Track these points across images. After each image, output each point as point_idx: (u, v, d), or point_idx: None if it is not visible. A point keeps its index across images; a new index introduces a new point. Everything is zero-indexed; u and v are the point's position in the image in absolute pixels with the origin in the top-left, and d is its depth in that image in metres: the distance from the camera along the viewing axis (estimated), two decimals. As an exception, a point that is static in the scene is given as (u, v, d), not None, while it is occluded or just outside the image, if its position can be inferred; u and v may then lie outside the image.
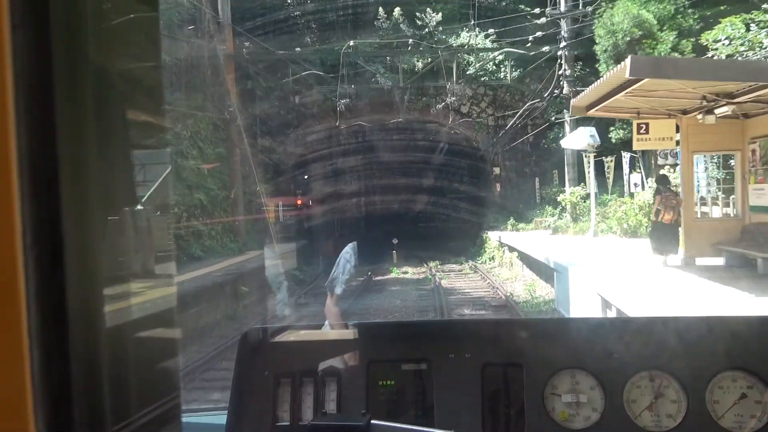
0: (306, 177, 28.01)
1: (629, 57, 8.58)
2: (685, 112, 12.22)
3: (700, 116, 11.21)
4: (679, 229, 12.52)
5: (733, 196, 13.38)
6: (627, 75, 8.54)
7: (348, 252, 1.75)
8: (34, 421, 0.51)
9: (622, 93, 10.07)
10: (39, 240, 0.51)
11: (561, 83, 23.45)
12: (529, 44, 23.62)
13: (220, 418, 1.61)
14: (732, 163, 13.57)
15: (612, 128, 21.29)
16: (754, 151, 11.90)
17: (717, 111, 10.58)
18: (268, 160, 25.57)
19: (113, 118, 0.60)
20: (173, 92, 21.08)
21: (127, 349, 0.62)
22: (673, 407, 1.51)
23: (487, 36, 25.78)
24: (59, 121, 0.51)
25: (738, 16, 17.99)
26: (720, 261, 12.31)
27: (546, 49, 23.41)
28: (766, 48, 15.14)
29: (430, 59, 25.18)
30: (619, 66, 9.03)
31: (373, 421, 1.05)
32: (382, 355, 1.61)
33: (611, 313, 9.52)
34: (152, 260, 0.64)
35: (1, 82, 0.48)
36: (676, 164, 17.31)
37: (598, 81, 10.90)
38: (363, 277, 20.71)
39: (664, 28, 20.38)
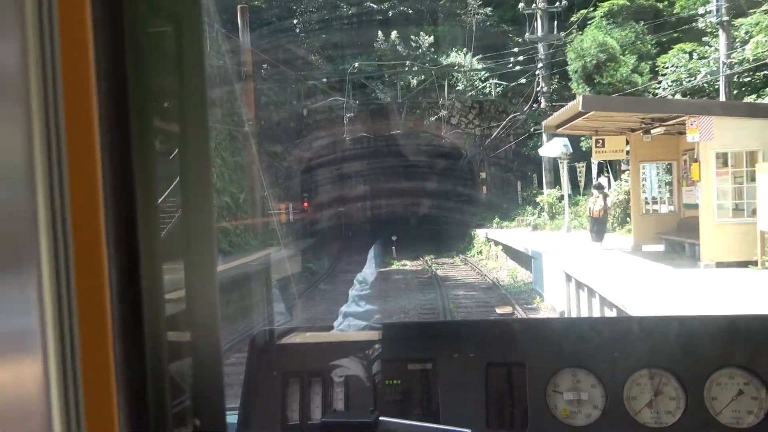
0: (314, 182, 31.11)
1: (581, 96, 11.85)
2: (632, 131, 15.52)
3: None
4: (606, 221, 16.36)
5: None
6: (579, 108, 11.82)
7: (377, 246, 3.23)
8: (117, 402, 0.55)
9: (580, 119, 13.35)
10: (118, 249, 0.57)
11: (539, 98, 26.80)
12: (511, 64, 26.92)
13: (231, 418, 1.66)
14: (675, 170, 16.86)
15: (582, 139, 24.57)
16: (685, 161, 15.21)
17: (652, 131, 13.88)
18: (281, 167, 28.67)
19: (170, 136, 0.65)
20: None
21: (185, 351, 0.66)
22: (672, 404, 1.54)
23: (474, 56, 29.05)
24: (134, 148, 0.57)
25: (687, 43, 21.43)
26: (661, 247, 15.61)
27: (523, 80, 26.84)
28: (703, 75, 18.48)
29: (423, 77, 28.45)
30: (573, 102, 12.30)
31: (381, 418, 1.12)
32: (388, 355, 1.66)
33: (572, 284, 12.74)
34: (200, 261, 0.67)
35: (88, 121, 0.55)
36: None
37: (563, 109, 14.18)
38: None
39: (626, 52, 23.73)
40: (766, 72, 16.04)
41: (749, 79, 17.45)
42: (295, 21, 30.04)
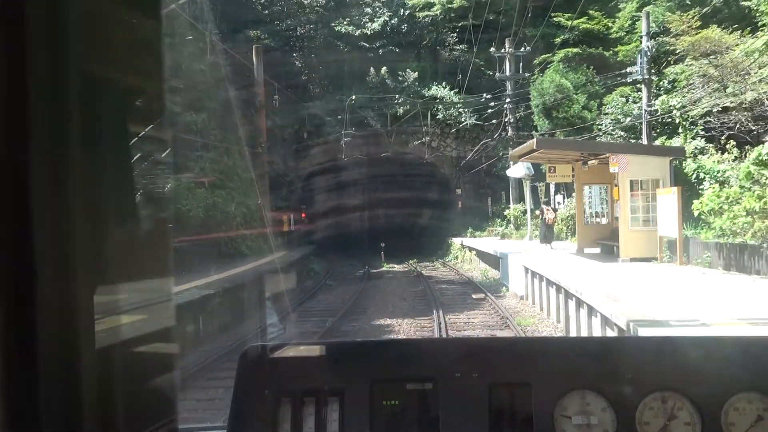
0: (313, 196, 35.52)
1: (535, 138, 16.57)
2: (577, 160, 20.36)
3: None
4: (553, 228, 21.29)
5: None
6: (534, 147, 16.55)
7: None
8: None
9: (536, 152, 18.11)
10: (6, 259, 0.49)
11: (507, 127, 31.71)
12: (484, 99, 31.83)
13: None
14: (611, 190, 21.71)
15: (542, 164, 29.48)
16: (615, 184, 20.04)
17: (589, 163, 18.70)
18: (284, 182, 33.07)
19: (104, 130, 0.57)
20: (222, 132, 28.40)
21: (117, 371, 0.58)
22: (687, 429, 1.47)
23: (452, 89, 33.93)
24: (34, 132, 0.49)
25: (626, 87, 26.44)
26: (598, 249, 20.39)
27: (494, 120, 31.85)
28: (630, 118, 23.46)
29: (409, 107, 33.19)
30: (530, 141, 17.04)
31: None
32: (386, 373, 1.59)
33: (528, 274, 17.39)
34: (148, 275, 0.60)
35: None
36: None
37: (523, 145, 18.94)
38: (363, 270, 28.27)
39: (578, 92, 28.75)
40: (678, 119, 20.97)
41: (670, 120, 22.42)
42: (296, 55, 34.57)
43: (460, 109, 33.75)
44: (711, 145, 18.87)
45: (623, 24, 28.92)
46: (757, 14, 15.20)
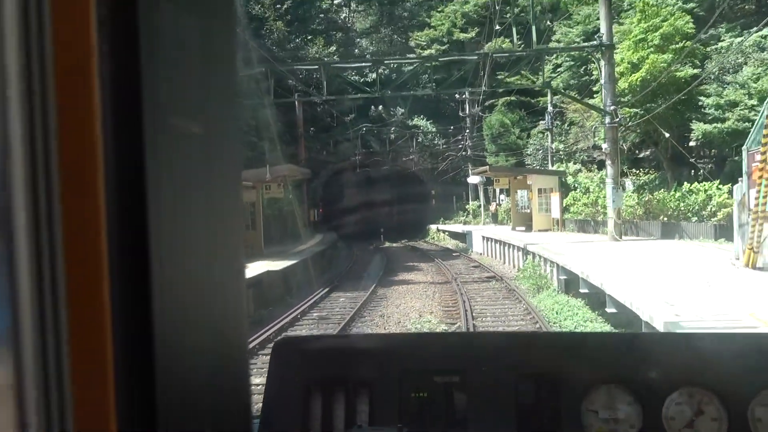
0: (331, 196, 49.54)
1: (488, 166, 31.12)
2: (511, 176, 34.97)
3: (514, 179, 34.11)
4: (497, 215, 36.10)
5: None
6: (487, 170, 31.12)
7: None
8: (115, 399, 0.51)
9: (488, 172, 32.63)
10: (121, 244, 0.52)
11: (467, 148, 46.34)
12: (452, 129, 46.45)
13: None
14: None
15: (491, 176, 44.06)
16: (530, 190, 34.76)
17: (517, 177, 33.36)
18: (309, 186, 46.86)
19: (193, 138, 0.62)
20: (279, 155, 41.98)
21: (205, 350, 0.62)
22: (714, 425, 1.48)
23: (427, 120, 48.41)
24: (147, 146, 0.53)
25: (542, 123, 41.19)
26: (524, 228, 35.04)
27: (465, 147, 46.34)
28: (542, 150, 38.28)
29: (399, 134, 47.52)
30: (485, 167, 31.59)
31: None
32: (414, 365, 1.63)
33: (485, 240, 31.86)
34: (225, 259, 0.66)
35: (88, 116, 0.51)
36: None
37: (482, 167, 33.50)
38: (373, 246, 42.37)
39: (514, 127, 43.45)
40: (562, 156, 35.79)
41: (566, 150, 37.21)
42: (317, 97, 48.38)
43: (435, 135, 48.34)
44: (584, 167, 33.74)
45: (543, 81, 43.62)
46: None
